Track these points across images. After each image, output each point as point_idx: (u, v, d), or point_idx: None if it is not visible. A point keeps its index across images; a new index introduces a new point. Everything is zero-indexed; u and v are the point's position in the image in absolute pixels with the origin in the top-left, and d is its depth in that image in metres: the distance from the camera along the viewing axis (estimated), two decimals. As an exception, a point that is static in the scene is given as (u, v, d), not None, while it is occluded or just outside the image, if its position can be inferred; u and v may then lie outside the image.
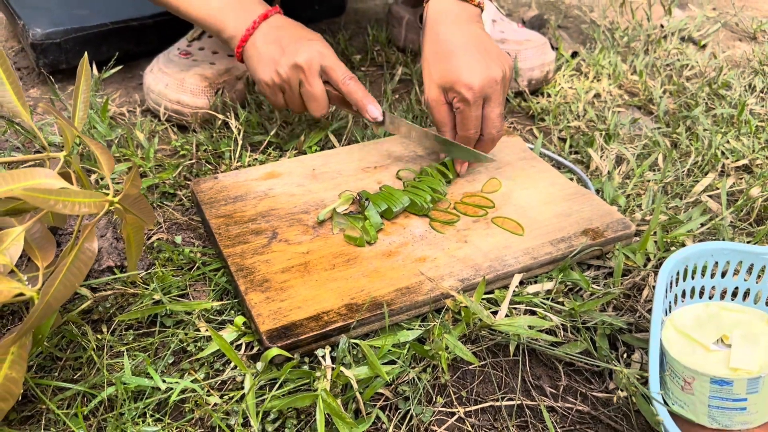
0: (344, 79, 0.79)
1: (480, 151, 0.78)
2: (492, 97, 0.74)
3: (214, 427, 0.54)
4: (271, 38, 0.80)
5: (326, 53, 0.79)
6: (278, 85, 0.81)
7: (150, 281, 0.66)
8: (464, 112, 0.74)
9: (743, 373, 0.53)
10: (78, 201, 0.46)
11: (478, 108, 0.74)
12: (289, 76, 0.79)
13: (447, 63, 0.74)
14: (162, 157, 0.87)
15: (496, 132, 0.76)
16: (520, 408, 0.58)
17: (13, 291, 0.45)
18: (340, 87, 0.80)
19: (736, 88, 1.11)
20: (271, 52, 0.79)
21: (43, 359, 0.58)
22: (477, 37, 0.76)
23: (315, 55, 0.78)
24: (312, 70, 0.78)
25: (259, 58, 0.80)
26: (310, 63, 0.78)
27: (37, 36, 1.05)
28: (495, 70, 0.73)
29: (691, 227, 0.75)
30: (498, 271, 0.65)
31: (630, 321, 0.65)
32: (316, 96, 0.80)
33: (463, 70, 0.72)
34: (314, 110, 0.82)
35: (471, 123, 0.74)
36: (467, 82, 0.72)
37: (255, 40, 0.81)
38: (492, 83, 0.73)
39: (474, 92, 0.72)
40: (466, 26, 0.77)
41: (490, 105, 0.75)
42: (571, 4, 1.54)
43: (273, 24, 0.81)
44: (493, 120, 0.75)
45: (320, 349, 0.57)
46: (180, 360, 0.60)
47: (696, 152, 0.92)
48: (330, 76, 0.80)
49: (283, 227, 0.70)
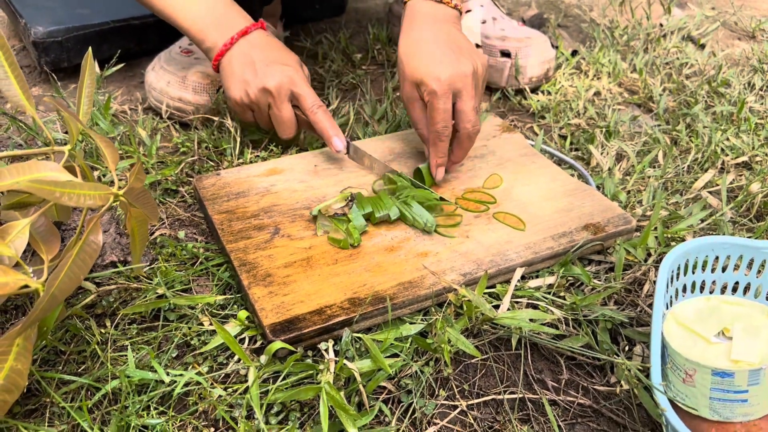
0: (312, 108, 0.80)
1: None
2: (463, 92, 0.73)
3: (217, 420, 0.54)
4: (245, 59, 0.81)
5: (296, 80, 0.80)
6: (247, 104, 0.82)
7: (153, 276, 0.66)
8: (433, 104, 0.73)
9: (744, 365, 0.53)
10: (83, 193, 0.46)
11: (447, 101, 0.73)
12: (258, 98, 0.80)
13: (418, 58, 0.74)
14: (164, 154, 0.87)
15: (471, 126, 0.75)
16: (522, 401, 0.59)
17: (19, 282, 0.45)
18: (308, 115, 0.80)
19: (735, 86, 1.12)
20: (243, 73, 0.80)
21: (46, 353, 0.58)
22: (449, 34, 0.76)
23: (285, 80, 0.79)
24: (281, 95, 0.79)
25: (231, 77, 0.81)
26: (280, 89, 0.79)
27: (39, 34, 1.05)
28: (465, 64, 0.73)
29: (692, 222, 0.76)
30: (500, 265, 0.66)
31: (631, 315, 0.66)
32: (283, 120, 0.81)
33: (431, 63, 0.73)
34: (281, 133, 0.83)
35: (439, 116, 0.73)
36: (435, 74, 0.72)
37: (231, 57, 0.81)
38: (461, 77, 0.73)
39: (441, 84, 0.72)
40: (441, 25, 0.77)
41: (462, 99, 0.74)
42: (570, 4, 1.55)
43: (251, 41, 0.82)
44: (466, 113, 0.74)
45: (323, 343, 0.58)
46: (183, 354, 0.60)
47: (696, 149, 0.93)
48: (300, 102, 0.81)
49: (285, 223, 0.70)
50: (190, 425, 0.54)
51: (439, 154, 0.76)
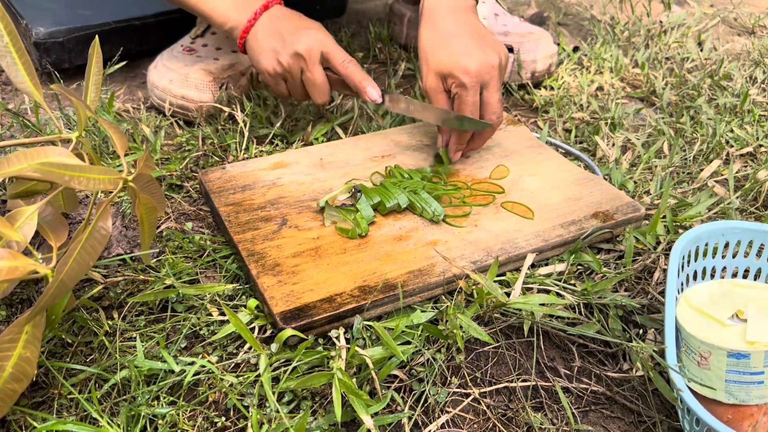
0: (343, 63, 0.81)
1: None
2: (490, 83, 0.75)
3: (228, 409, 0.54)
4: (271, 29, 0.81)
5: (325, 40, 0.81)
6: (280, 74, 0.82)
7: (161, 267, 0.65)
8: (462, 96, 0.74)
9: (760, 346, 0.53)
10: (93, 177, 0.45)
11: (476, 93, 0.74)
12: (290, 64, 0.81)
13: (444, 50, 0.75)
14: (168, 150, 0.87)
15: (496, 117, 0.76)
16: (535, 389, 0.58)
17: (29, 267, 0.44)
18: (339, 70, 0.81)
19: (737, 80, 1.12)
20: (272, 43, 0.81)
21: (53, 345, 0.58)
22: (473, 25, 0.77)
23: (314, 43, 0.80)
24: (312, 57, 0.80)
25: (260, 49, 0.82)
26: (310, 51, 0.80)
27: (40, 35, 1.05)
28: (491, 55, 0.74)
29: (700, 209, 0.75)
30: (510, 253, 0.65)
31: (642, 302, 0.65)
32: (317, 82, 0.82)
33: (460, 55, 0.73)
34: (316, 97, 0.83)
35: (468, 108, 0.75)
36: (464, 67, 0.73)
37: (256, 31, 0.82)
38: (489, 68, 0.74)
39: (471, 76, 0.73)
40: (462, 16, 0.78)
41: (489, 90, 0.75)
42: (570, 2, 1.55)
43: (273, 14, 0.83)
44: (492, 105, 0.76)
45: (334, 331, 0.57)
46: (192, 345, 0.59)
47: (701, 140, 0.93)
48: (330, 61, 0.81)
49: (292, 214, 0.70)
50: (201, 414, 0.53)
51: (461, 142, 0.78)
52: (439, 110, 0.78)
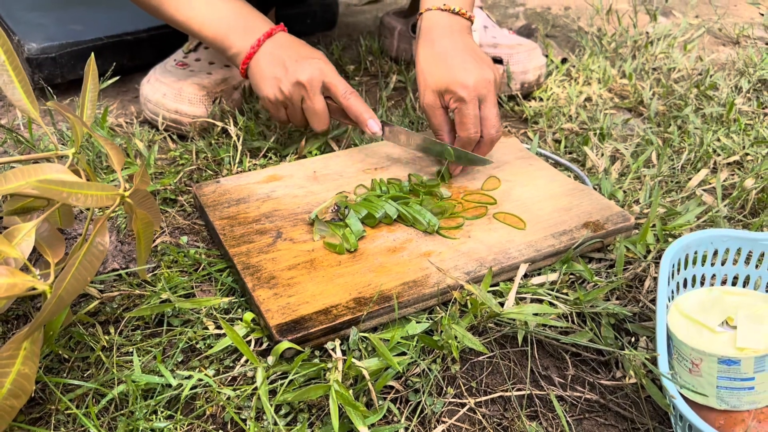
0: (345, 94, 0.81)
1: (478, 153, 0.80)
2: (487, 98, 0.76)
3: (225, 423, 0.54)
4: (274, 57, 0.82)
5: (327, 70, 0.81)
6: (281, 101, 0.83)
7: (156, 282, 0.65)
8: (462, 111, 0.76)
9: (750, 352, 0.54)
10: (91, 194, 0.46)
11: (475, 107, 0.76)
12: (291, 93, 0.81)
13: (441, 67, 0.77)
14: (162, 165, 0.87)
15: (495, 132, 0.78)
16: (529, 398, 0.59)
17: (27, 284, 0.45)
18: (341, 102, 0.82)
19: (723, 89, 1.14)
20: (274, 71, 0.82)
21: (50, 360, 0.58)
22: (468, 45, 0.79)
23: (316, 72, 0.80)
24: (314, 87, 0.81)
25: (262, 76, 0.82)
26: (312, 80, 0.80)
27: (33, 51, 1.05)
28: (487, 71, 0.76)
29: (689, 218, 0.76)
30: (503, 263, 0.66)
31: (634, 311, 0.66)
32: (317, 111, 0.82)
33: (457, 71, 0.75)
34: (316, 125, 0.84)
35: (470, 122, 0.76)
36: (462, 81, 0.75)
37: (259, 58, 0.83)
38: (486, 83, 0.76)
39: (469, 91, 0.75)
40: (459, 36, 0.80)
41: (487, 105, 0.77)
42: (557, 14, 1.57)
43: (277, 42, 0.83)
44: (491, 120, 0.77)
45: (330, 343, 0.57)
46: (189, 359, 0.59)
47: (689, 149, 0.94)
48: (331, 91, 0.82)
49: (287, 227, 0.70)
50: (199, 428, 0.53)
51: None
52: (438, 144, 0.79)
